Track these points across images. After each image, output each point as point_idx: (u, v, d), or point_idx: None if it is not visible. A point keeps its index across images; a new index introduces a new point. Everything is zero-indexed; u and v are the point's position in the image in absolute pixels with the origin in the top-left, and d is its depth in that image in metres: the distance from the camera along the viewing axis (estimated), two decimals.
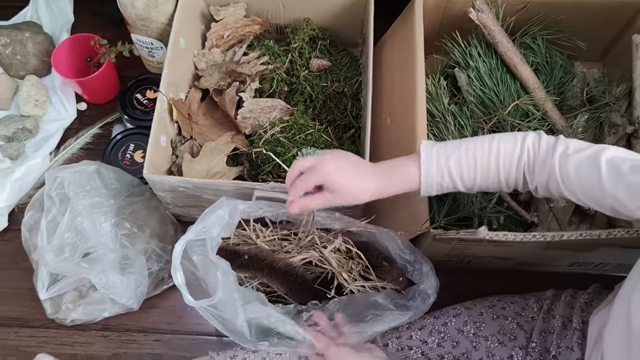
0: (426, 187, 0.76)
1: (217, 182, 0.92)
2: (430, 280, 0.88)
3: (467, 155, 0.74)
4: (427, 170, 0.75)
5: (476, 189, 0.76)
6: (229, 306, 0.79)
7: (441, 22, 1.15)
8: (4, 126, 1.19)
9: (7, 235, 1.13)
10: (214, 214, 0.84)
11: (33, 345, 1.03)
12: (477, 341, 0.88)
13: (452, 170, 0.74)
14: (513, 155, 0.73)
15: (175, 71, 1.05)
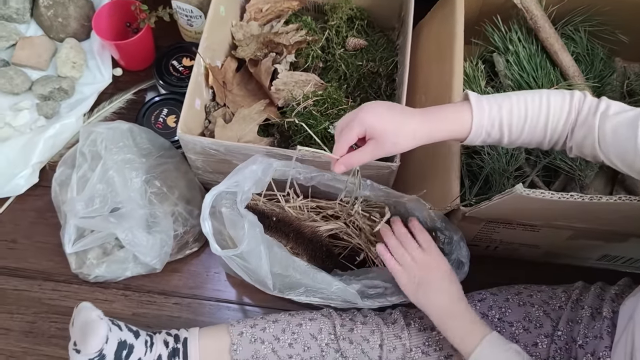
0: (475, 134, 0.74)
1: (248, 146, 0.92)
2: (462, 249, 0.88)
3: (518, 106, 0.73)
4: (479, 117, 0.73)
5: (519, 142, 0.75)
6: (254, 256, 0.80)
7: (481, 8, 1.14)
8: (41, 85, 1.21)
9: (37, 191, 1.14)
10: (247, 169, 0.84)
11: (55, 298, 1.04)
12: (502, 326, 0.87)
13: (503, 120, 0.73)
14: (562, 111, 0.72)
15: (214, 37, 1.05)
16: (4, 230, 1.10)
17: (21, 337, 1.00)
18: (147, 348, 0.87)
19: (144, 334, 0.89)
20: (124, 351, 0.85)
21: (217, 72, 1.07)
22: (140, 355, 0.86)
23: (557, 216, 0.81)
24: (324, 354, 0.89)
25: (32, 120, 1.19)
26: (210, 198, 0.82)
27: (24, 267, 1.07)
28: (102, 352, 0.82)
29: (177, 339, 0.91)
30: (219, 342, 0.91)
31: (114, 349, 0.83)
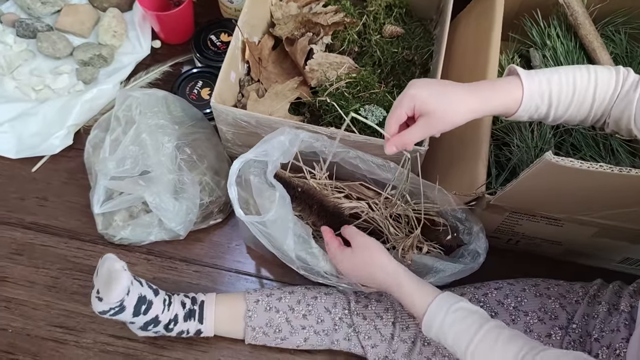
0: (525, 107, 0.73)
1: (279, 120, 0.94)
2: (481, 240, 0.88)
3: (567, 80, 0.72)
4: (529, 89, 0.72)
5: (565, 117, 0.75)
6: (279, 226, 0.81)
7: (521, 3, 1.14)
8: (82, 51, 1.24)
9: (70, 153, 1.17)
10: (275, 139, 0.86)
11: (80, 257, 1.06)
12: (517, 315, 0.87)
13: (552, 93, 0.72)
14: (609, 87, 0.72)
15: (253, 13, 1.07)
16: (36, 188, 1.13)
17: (44, 291, 1.03)
18: (164, 306, 0.90)
19: (163, 293, 0.91)
20: (143, 306, 0.87)
21: (254, 47, 1.09)
22: (158, 313, 0.89)
23: (582, 203, 0.80)
24: (337, 328, 0.90)
25: (70, 84, 1.23)
26: (238, 165, 0.83)
27: (52, 224, 1.10)
28: (122, 303, 0.84)
29: (194, 301, 0.93)
30: (235, 308, 0.93)
31: (134, 302, 0.86)
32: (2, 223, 1.09)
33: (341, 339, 0.91)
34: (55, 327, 1.00)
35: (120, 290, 0.83)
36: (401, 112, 0.73)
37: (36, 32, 1.27)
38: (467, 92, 0.73)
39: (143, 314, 0.88)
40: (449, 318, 0.73)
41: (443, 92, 0.72)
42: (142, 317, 0.88)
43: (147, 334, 0.92)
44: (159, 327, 0.90)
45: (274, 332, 0.92)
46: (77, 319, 1.00)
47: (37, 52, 1.27)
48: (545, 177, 0.73)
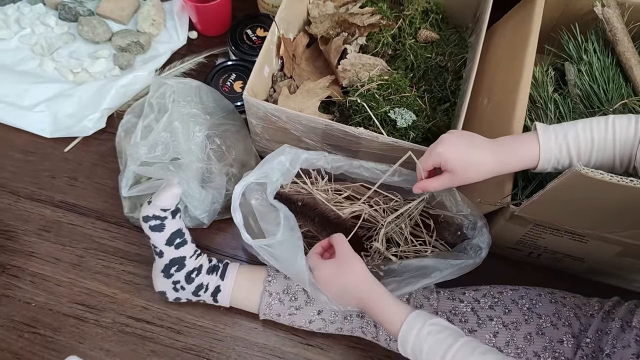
0: (544, 161, 0.77)
1: (309, 117, 0.95)
2: (484, 235, 0.89)
3: (584, 132, 0.76)
4: (546, 144, 0.76)
5: (590, 166, 0.76)
6: (287, 247, 0.81)
7: (560, 16, 1.13)
8: (120, 37, 1.27)
9: (102, 136, 1.20)
10: (275, 160, 0.88)
11: (105, 238, 1.09)
12: (530, 315, 0.87)
13: (570, 145, 0.76)
14: (628, 134, 0.74)
15: (290, 10, 1.08)
16: (68, 167, 1.16)
17: (69, 269, 1.06)
18: (194, 254, 0.96)
19: (194, 245, 0.98)
20: (178, 239, 0.94)
21: (289, 43, 1.10)
22: (187, 255, 0.95)
23: (610, 219, 0.80)
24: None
25: (107, 68, 1.25)
26: (240, 189, 0.85)
27: (81, 204, 1.12)
28: (165, 219, 0.92)
29: (220, 260, 0.99)
30: (256, 273, 0.98)
31: (173, 229, 0.93)
32: (32, 199, 1.12)
33: (354, 316, 0.93)
34: (77, 304, 1.02)
35: (169, 197, 0.90)
36: (428, 165, 0.82)
37: (78, 16, 1.30)
38: (490, 154, 0.79)
39: (175, 247, 0.93)
40: (425, 330, 0.74)
41: (467, 155, 0.78)
42: (173, 250, 0.93)
43: (166, 284, 0.95)
44: (181, 272, 0.94)
45: (289, 300, 0.94)
46: (98, 298, 1.02)
47: (77, 36, 1.30)
48: (573, 189, 0.72)
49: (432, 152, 0.80)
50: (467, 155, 0.78)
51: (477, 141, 0.80)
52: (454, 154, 0.78)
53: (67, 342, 0.98)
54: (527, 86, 0.97)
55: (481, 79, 1.12)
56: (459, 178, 0.79)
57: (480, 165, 0.78)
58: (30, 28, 1.31)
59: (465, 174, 0.79)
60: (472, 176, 0.79)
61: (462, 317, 0.89)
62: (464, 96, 1.01)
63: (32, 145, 1.19)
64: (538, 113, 1.00)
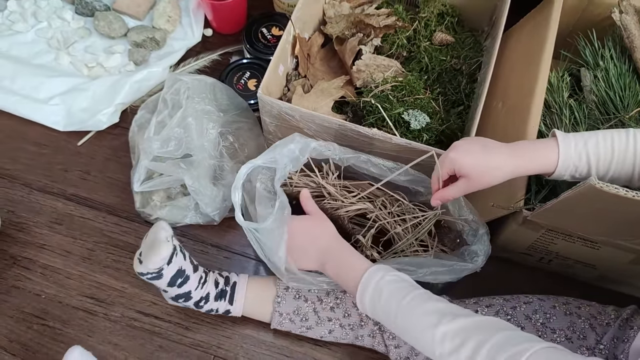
0: (562, 167, 0.76)
1: (323, 116, 0.94)
2: (484, 243, 0.88)
3: (604, 142, 0.74)
4: (566, 150, 0.75)
5: (607, 178, 0.76)
6: (274, 237, 0.82)
7: (577, 21, 1.13)
8: (136, 33, 1.27)
9: (116, 131, 1.20)
10: (285, 147, 0.88)
11: (116, 232, 1.09)
12: (544, 331, 0.86)
13: (590, 154, 0.75)
14: None
15: (306, 10, 1.08)
16: (80, 161, 1.17)
17: (79, 262, 1.06)
18: (199, 284, 0.92)
19: (201, 270, 0.94)
20: (180, 279, 0.90)
21: (304, 43, 1.10)
22: (192, 289, 0.91)
23: (623, 228, 0.79)
24: (363, 324, 0.91)
25: (122, 64, 1.26)
26: (246, 170, 0.86)
27: (93, 198, 1.13)
28: (161, 272, 0.87)
29: (227, 281, 0.96)
30: (265, 292, 0.95)
31: (172, 273, 0.88)
32: (45, 192, 1.13)
33: (365, 335, 0.92)
34: (87, 297, 1.02)
35: (159, 260, 0.85)
36: (443, 173, 0.80)
37: (94, 11, 1.31)
38: (505, 157, 0.77)
39: (177, 286, 0.90)
40: (386, 278, 0.77)
41: (482, 159, 0.77)
42: (176, 289, 0.91)
43: (177, 304, 0.95)
44: (189, 302, 0.93)
45: (300, 320, 0.93)
46: (107, 292, 1.03)
47: (93, 30, 1.31)
48: (587, 201, 0.72)
49: (445, 159, 0.79)
50: (483, 159, 0.77)
51: (490, 145, 0.79)
52: (468, 158, 0.77)
53: (76, 335, 0.99)
54: (543, 91, 0.96)
55: (496, 83, 1.11)
56: (475, 183, 0.77)
57: (497, 169, 0.77)
58: (46, 22, 1.31)
59: (481, 179, 0.77)
60: (488, 181, 0.77)
61: None
62: (478, 99, 1.00)
63: (46, 138, 1.19)
64: (553, 118, 1.00)
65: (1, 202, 1.11)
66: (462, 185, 0.78)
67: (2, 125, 1.20)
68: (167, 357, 0.98)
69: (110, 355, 0.97)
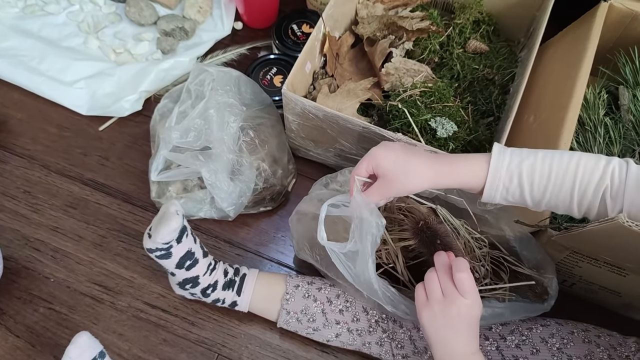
0: (491, 188, 0.69)
1: (347, 117, 0.92)
2: (554, 283, 0.83)
3: (542, 163, 0.67)
4: (495, 169, 0.68)
5: (543, 205, 0.69)
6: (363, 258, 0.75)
7: (618, 37, 1.09)
8: (166, 22, 1.26)
9: (138, 119, 1.19)
10: None
11: (129, 220, 1.08)
12: (560, 357, 0.82)
13: (522, 175, 0.68)
14: (592, 177, 0.65)
15: (339, 8, 1.06)
16: (100, 146, 1.16)
17: (90, 248, 1.05)
18: (207, 270, 0.91)
19: (210, 257, 0.93)
20: (189, 261, 0.88)
21: (334, 42, 1.07)
22: (200, 273, 0.90)
23: None
24: (371, 330, 0.88)
25: (150, 51, 1.25)
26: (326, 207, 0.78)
27: (109, 184, 1.12)
28: (170, 248, 0.85)
29: (237, 272, 0.94)
30: (274, 288, 0.93)
31: (181, 253, 0.87)
32: (63, 175, 1.12)
33: (373, 343, 0.89)
34: (95, 284, 1.01)
35: (167, 232, 0.83)
36: (361, 170, 0.74)
37: None
38: (427, 161, 0.71)
39: (186, 269, 0.89)
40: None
41: (403, 160, 0.71)
42: (184, 272, 0.89)
43: (184, 294, 0.93)
44: (196, 289, 0.91)
45: (307, 321, 0.91)
46: (116, 281, 1.01)
47: (123, 17, 1.31)
48: (615, 236, 0.68)
49: (367, 155, 0.73)
50: (404, 160, 0.71)
51: (417, 150, 0.73)
52: (388, 158, 0.71)
53: (81, 322, 0.98)
54: (577, 107, 0.92)
55: (529, 96, 1.07)
56: (390, 185, 0.71)
57: (414, 174, 0.70)
58: (79, 5, 1.31)
59: (395, 180, 0.71)
60: (402, 184, 0.71)
61: (486, 355, 0.83)
62: (509, 111, 0.97)
63: (68, 121, 1.19)
64: (586, 136, 0.96)
65: (19, 181, 1.11)
66: (378, 186, 0.72)
67: (26, 105, 1.20)
68: (170, 351, 0.96)
69: (113, 344, 0.96)
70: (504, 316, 0.83)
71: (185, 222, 0.88)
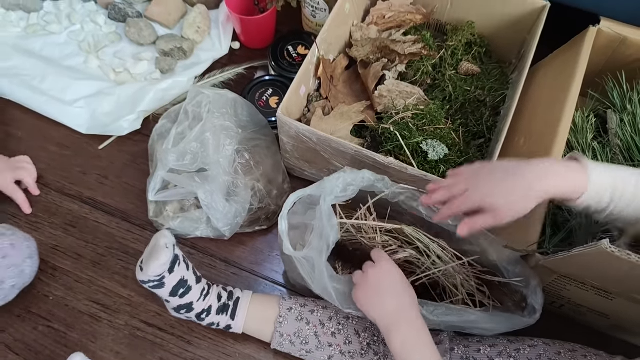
0: (589, 195, 0.70)
1: (339, 141, 0.94)
2: (538, 295, 0.85)
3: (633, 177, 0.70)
4: (596, 176, 0.70)
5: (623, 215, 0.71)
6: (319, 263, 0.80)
7: (606, 61, 1.11)
8: (165, 42, 1.29)
9: (136, 137, 1.21)
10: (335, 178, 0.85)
11: (127, 239, 1.10)
12: None
13: (617, 185, 0.70)
14: None
15: (333, 32, 1.08)
16: (100, 165, 1.18)
17: (89, 266, 1.07)
18: (201, 296, 0.93)
19: (204, 282, 0.95)
20: (182, 289, 0.90)
21: (328, 65, 1.10)
22: (193, 300, 0.92)
23: (638, 284, 0.77)
24: (363, 353, 0.90)
25: (149, 71, 1.28)
26: (294, 199, 0.84)
27: (108, 203, 1.14)
28: (162, 280, 0.88)
29: (231, 296, 0.96)
30: (268, 311, 0.95)
31: (174, 282, 0.89)
32: (62, 193, 1.14)
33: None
34: (93, 302, 1.03)
35: (157, 266, 0.86)
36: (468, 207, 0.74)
37: (126, 17, 1.33)
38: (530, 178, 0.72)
39: (179, 296, 0.91)
40: None
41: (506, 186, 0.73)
42: (178, 299, 0.91)
43: (179, 317, 0.96)
44: (191, 314, 0.93)
45: (300, 343, 0.92)
46: (114, 299, 1.03)
47: (123, 36, 1.33)
48: (599, 262, 0.70)
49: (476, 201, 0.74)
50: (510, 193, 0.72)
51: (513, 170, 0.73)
52: (495, 194, 0.72)
53: (79, 340, 0.99)
54: (566, 131, 0.94)
55: (520, 118, 1.09)
56: (504, 216, 0.72)
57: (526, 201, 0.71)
58: (80, 25, 1.34)
59: (510, 212, 0.72)
60: (518, 211, 0.71)
61: None
62: (500, 134, 0.99)
63: (68, 140, 1.21)
64: None
65: None
66: (489, 220, 0.73)
67: (28, 123, 1.22)
68: None
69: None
70: (478, 323, 0.85)
71: (177, 250, 0.90)
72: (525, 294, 0.87)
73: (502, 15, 1.15)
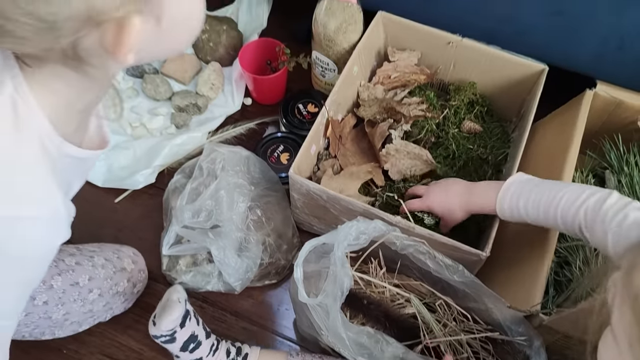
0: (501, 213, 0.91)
1: (348, 199, 0.98)
2: (542, 356, 0.87)
3: (534, 199, 0.85)
4: (501, 202, 0.90)
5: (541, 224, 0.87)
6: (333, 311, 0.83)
7: (604, 123, 1.15)
8: (180, 98, 1.34)
9: (151, 191, 1.25)
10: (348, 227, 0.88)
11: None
12: None
13: (520, 209, 0.87)
14: (569, 210, 0.80)
15: (342, 93, 1.13)
16: (115, 218, 1.22)
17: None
18: (210, 351, 0.95)
19: (213, 337, 0.97)
20: (192, 344, 0.93)
21: (337, 125, 1.15)
22: (203, 355, 0.95)
23: None
24: None
25: (164, 126, 1.33)
26: (309, 247, 0.86)
27: None
28: (174, 335, 0.91)
29: (239, 352, 0.98)
30: None
31: (185, 337, 0.92)
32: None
33: None
34: (105, 356, 1.05)
35: (170, 321, 0.89)
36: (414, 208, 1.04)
37: (143, 73, 1.39)
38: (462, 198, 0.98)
39: (190, 351, 0.93)
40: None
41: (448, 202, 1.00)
42: (188, 354, 0.93)
43: None
44: None
45: None
46: (126, 353, 1.06)
47: (140, 92, 1.38)
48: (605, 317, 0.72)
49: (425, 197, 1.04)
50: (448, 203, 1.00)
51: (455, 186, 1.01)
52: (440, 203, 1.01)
53: None
54: None
55: None
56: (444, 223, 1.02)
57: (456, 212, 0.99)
58: None
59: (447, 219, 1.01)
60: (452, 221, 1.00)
61: None
62: None
63: (86, 193, 1.24)
64: None
65: None
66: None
67: None
68: None
69: None
70: None
71: (188, 305, 0.94)
72: (528, 354, 0.89)
73: (502, 77, 1.21)
